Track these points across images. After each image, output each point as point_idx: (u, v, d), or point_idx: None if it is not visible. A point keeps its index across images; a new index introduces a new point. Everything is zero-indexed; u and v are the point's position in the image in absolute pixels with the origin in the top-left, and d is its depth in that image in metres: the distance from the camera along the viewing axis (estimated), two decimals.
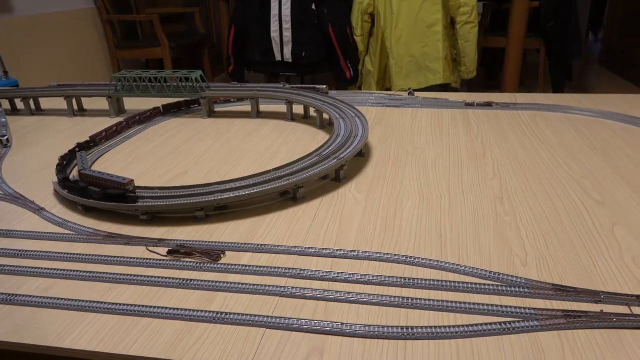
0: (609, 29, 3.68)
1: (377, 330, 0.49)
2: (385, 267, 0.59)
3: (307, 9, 2.17)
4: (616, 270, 0.57)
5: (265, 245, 0.65)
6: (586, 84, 3.17)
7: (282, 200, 0.78)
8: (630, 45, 3.20)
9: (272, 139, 1.05)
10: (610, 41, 3.63)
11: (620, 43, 3.41)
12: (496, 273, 0.56)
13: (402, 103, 1.28)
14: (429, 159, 0.91)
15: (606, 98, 1.25)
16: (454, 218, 0.70)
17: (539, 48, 2.52)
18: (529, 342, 0.47)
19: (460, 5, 2.10)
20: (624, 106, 1.16)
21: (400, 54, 2.16)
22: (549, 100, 1.25)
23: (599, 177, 0.81)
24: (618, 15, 3.49)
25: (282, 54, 2.25)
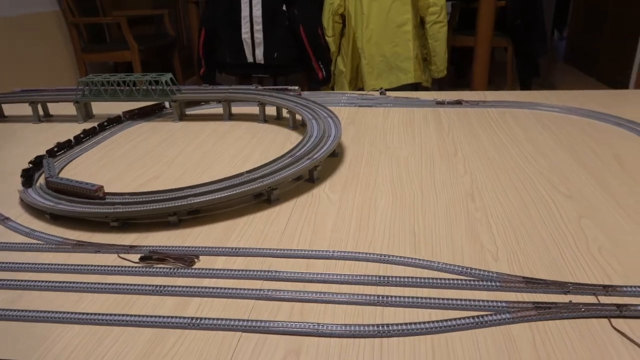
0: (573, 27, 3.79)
1: (353, 330, 0.49)
2: (360, 266, 0.60)
3: (277, 10, 2.17)
4: (583, 261, 0.59)
5: (239, 248, 0.64)
6: (552, 80, 3.25)
7: (256, 203, 0.77)
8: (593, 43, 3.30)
9: (245, 141, 1.05)
10: (574, 39, 3.74)
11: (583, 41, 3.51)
12: (468, 268, 0.57)
13: (374, 103, 1.29)
14: (402, 158, 0.92)
15: (571, 94, 1.29)
16: (426, 215, 0.71)
17: (507, 46, 2.57)
18: (501, 335, 0.48)
19: (429, 5, 2.13)
20: (588, 102, 1.20)
21: (371, 54, 2.18)
22: (517, 97, 1.28)
23: (566, 171, 0.84)
24: (581, 14, 3.60)
25: (254, 55, 2.24)
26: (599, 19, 3.22)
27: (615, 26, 3.00)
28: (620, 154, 0.89)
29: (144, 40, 2.85)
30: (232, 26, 2.20)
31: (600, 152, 0.91)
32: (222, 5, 2.20)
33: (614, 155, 0.89)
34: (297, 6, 2.18)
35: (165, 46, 3.06)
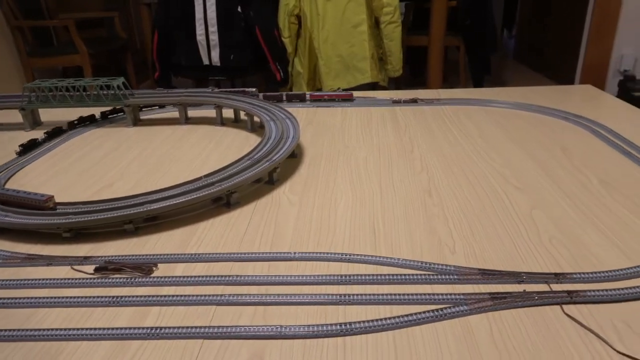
0: (521, 26, 3.93)
1: (316, 330, 0.49)
2: (321, 266, 0.60)
3: (232, 11, 2.14)
4: (535, 251, 0.61)
5: (199, 254, 0.63)
6: (503, 78, 3.37)
7: (215, 207, 0.76)
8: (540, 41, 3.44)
9: (203, 145, 1.03)
10: (522, 37, 3.89)
11: (531, 39, 3.65)
12: (427, 263, 0.59)
13: (332, 103, 1.30)
14: (360, 157, 0.93)
15: (521, 90, 1.34)
16: (386, 213, 0.72)
17: (459, 45, 2.65)
18: (460, 326, 0.49)
19: (383, 6, 2.16)
20: (536, 97, 1.25)
21: (328, 55, 2.19)
22: (470, 94, 1.31)
23: (517, 164, 0.87)
24: (528, 13, 3.74)
25: (210, 57, 2.21)
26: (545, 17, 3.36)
27: (560, 25, 3.13)
28: (567, 147, 0.94)
29: (94, 43, 2.76)
30: (186, 28, 2.17)
31: (548, 146, 0.95)
32: (175, 6, 2.16)
33: (562, 148, 0.93)
34: (253, 7, 2.16)
35: (117, 50, 2.97)
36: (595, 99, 1.26)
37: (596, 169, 0.84)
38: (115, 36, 3.13)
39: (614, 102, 1.22)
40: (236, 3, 2.13)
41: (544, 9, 3.37)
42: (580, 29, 2.77)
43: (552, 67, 3.24)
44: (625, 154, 0.89)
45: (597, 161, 0.87)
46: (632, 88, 2.43)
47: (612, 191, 0.76)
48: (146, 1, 2.53)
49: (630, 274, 0.56)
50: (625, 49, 2.69)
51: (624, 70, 2.66)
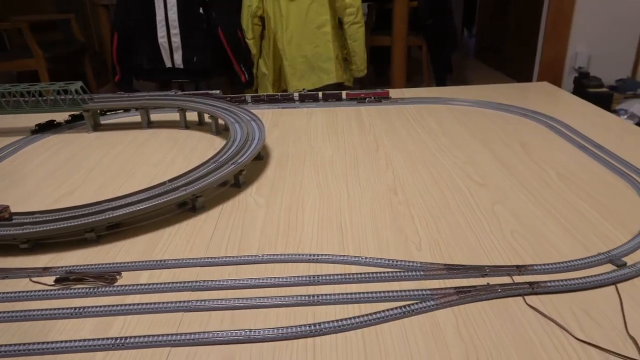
0: (480, 26, 4.03)
1: (286, 332, 0.49)
2: (290, 268, 0.60)
3: (194, 13, 2.11)
4: (498, 245, 0.63)
5: (165, 260, 0.62)
6: (465, 76, 3.44)
7: (180, 212, 0.75)
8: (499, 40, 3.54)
9: (166, 149, 1.01)
10: (482, 36, 3.99)
11: (490, 38, 3.75)
12: (394, 260, 0.59)
13: (297, 104, 1.30)
14: (326, 157, 0.94)
15: (481, 88, 1.37)
16: (353, 212, 0.72)
17: (421, 45, 2.69)
18: (427, 321, 0.50)
19: (346, 6, 2.18)
20: (496, 95, 1.28)
21: (293, 56, 2.19)
22: (433, 93, 1.34)
23: (479, 161, 0.89)
24: (487, 13, 3.84)
25: (172, 60, 2.17)
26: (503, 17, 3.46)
27: (518, 24, 3.23)
28: (526, 142, 0.97)
29: (49, 47, 2.67)
30: (147, 30, 2.12)
31: (508, 142, 0.97)
32: (135, 8, 2.11)
33: (521, 143, 0.96)
34: (215, 9, 2.14)
35: (74, 53, 2.88)
36: (552, 95, 1.30)
37: (554, 163, 0.87)
38: (72, 39, 3.04)
39: (569, 98, 1.27)
40: (198, 4, 2.10)
41: (502, 9, 3.46)
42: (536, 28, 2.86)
43: (511, 66, 3.33)
44: (580, 148, 0.93)
45: (555, 156, 0.90)
46: (587, 84, 2.53)
47: (569, 184, 0.79)
48: (104, 2, 2.46)
49: (588, 264, 0.58)
50: (579, 47, 2.79)
51: (578, 67, 2.77)
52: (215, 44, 2.17)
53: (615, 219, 0.68)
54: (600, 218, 0.68)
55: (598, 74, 2.67)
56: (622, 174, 0.81)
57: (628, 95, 2.72)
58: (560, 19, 2.72)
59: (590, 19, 2.73)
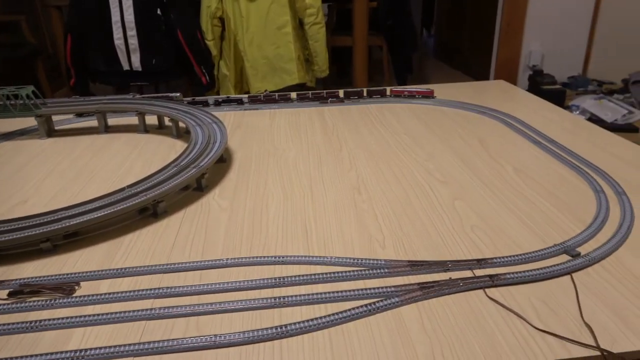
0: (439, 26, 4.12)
1: (252, 335, 0.48)
2: (255, 271, 0.59)
3: (152, 14, 2.07)
4: (459, 240, 0.64)
5: (125, 268, 0.60)
6: (425, 75, 3.51)
7: (141, 218, 0.73)
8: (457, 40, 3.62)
9: (125, 154, 0.99)
10: (440, 36, 4.07)
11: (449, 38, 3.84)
12: (359, 259, 0.60)
13: (259, 105, 1.29)
14: (290, 158, 0.93)
15: (441, 87, 1.40)
16: (317, 212, 0.72)
17: (382, 45, 2.72)
18: (392, 318, 0.50)
19: (307, 7, 2.18)
20: (455, 93, 1.31)
21: (254, 57, 2.18)
22: None
23: (439, 158, 0.91)
24: (445, 13, 3.92)
25: (130, 62, 2.12)
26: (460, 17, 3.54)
27: (474, 24, 3.32)
28: (484, 139, 0.99)
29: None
30: (103, 32, 2.06)
31: (467, 139, 1.00)
32: (89, 9, 2.05)
33: (479, 140, 0.99)
34: (173, 10, 2.10)
35: (25, 56, 2.77)
36: (508, 93, 1.34)
37: (510, 158, 0.89)
38: (22, 42, 2.91)
39: (524, 95, 1.31)
40: (155, 5, 2.06)
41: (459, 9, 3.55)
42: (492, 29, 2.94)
43: (469, 65, 3.42)
44: (535, 143, 0.96)
45: (511, 151, 0.93)
46: (541, 82, 2.62)
47: (525, 178, 0.81)
48: (56, 3, 2.37)
49: (544, 255, 0.60)
50: (533, 46, 2.89)
51: (532, 65, 2.87)
52: (174, 45, 2.13)
53: (569, 211, 0.70)
54: (555, 210, 0.71)
55: (551, 71, 2.78)
56: (575, 168, 0.84)
57: (579, 91, 2.83)
58: (514, 19, 2.81)
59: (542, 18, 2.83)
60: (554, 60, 2.93)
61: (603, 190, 0.76)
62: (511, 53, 2.89)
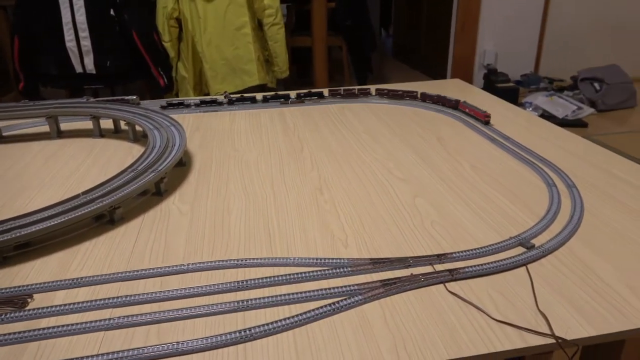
0: (397, 26, 4.18)
1: (215, 341, 0.48)
2: (217, 275, 0.59)
3: (105, 15, 2.01)
4: (420, 236, 0.65)
5: (82, 278, 0.58)
6: (384, 75, 3.56)
7: (97, 226, 0.71)
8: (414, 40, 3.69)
9: (80, 160, 0.95)
10: (398, 36, 4.14)
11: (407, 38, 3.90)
12: (322, 258, 0.60)
13: (219, 107, 1.27)
14: (251, 160, 0.93)
15: (400, 86, 1.42)
16: (279, 214, 0.72)
17: (341, 45, 2.74)
18: (355, 316, 0.51)
19: (265, 8, 2.17)
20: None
21: (213, 58, 2.15)
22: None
23: (399, 156, 0.92)
24: (403, 14, 3.99)
25: (83, 65, 2.05)
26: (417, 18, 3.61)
27: (431, 24, 3.39)
28: (442, 137, 1.01)
29: None
30: (53, 33, 1.99)
31: (426, 137, 1.02)
32: (38, 10, 1.97)
33: (437, 138, 1.01)
34: (127, 11, 2.04)
35: None
36: (464, 91, 1.38)
37: (467, 154, 0.92)
38: None
39: (479, 94, 1.35)
40: (108, 6, 2.00)
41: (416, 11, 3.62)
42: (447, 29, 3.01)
43: (427, 64, 3.49)
44: (491, 140, 0.99)
45: (468, 148, 0.95)
46: (495, 80, 2.71)
47: (481, 174, 0.84)
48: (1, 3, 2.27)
49: (500, 248, 0.62)
50: (487, 45, 2.98)
51: (487, 64, 2.96)
52: (129, 47, 2.07)
53: (524, 205, 0.73)
54: (510, 204, 0.73)
55: (505, 69, 2.87)
56: (529, 163, 0.87)
57: (532, 89, 2.94)
58: (468, 20, 2.88)
59: (495, 19, 2.92)
60: (507, 59, 3.03)
61: (555, 183, 0.79)
62: (466, 52, 2.96)
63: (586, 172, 0.83)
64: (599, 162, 0.87)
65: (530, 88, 2.94)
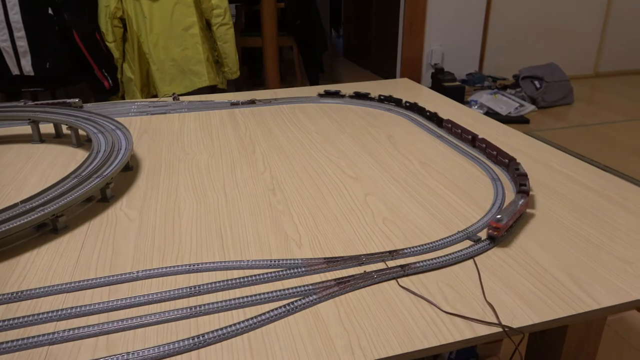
0: (347, 27, 4.23)
1: (167, 349, 0.46)
2: (168, 281, 0.57)
3: (42, 14, 1.91)
4: (372, 234, 0.66)
5: (22, 291, 0.55)
6: (336, 75, 3.58)
7: (39, 235, 0.67)
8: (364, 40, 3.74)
9: (18, 167, 0.90)
10: (349, 37, 4.18)
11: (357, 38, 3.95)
12: (276, 260, 0.60)
13: (167, 109, 1.24)
14: (202, 162, 0.91)
15: (351, 86, 1.44)
16: (232, 216, 0.71)
17: (292, 45, 2.74)
18: (311, 316, 0.51)
19: (213, 8, 2.13)
20: (364, 91, 1.35)
21: (160, 59, 2.09)
22: (304, 92, 1.37)
23: (351, 155, 0.93)
24: (352, 15, 4.03)
25: (20, 66, 1.94)
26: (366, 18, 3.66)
27: (380, 24, 3.44)
28: (392, 135, 1.03)
29: None
30: None
31: (376, 135, 1.03)
32: None
33: (388, 136, 1.03)
34: (67, 10, 1.95)
35: None
36: (412, 90, 1.41)
37: (417, 152, 0.94)
38: None
39: (427, 93, 1.39)
40: (46, 4, 1.91)
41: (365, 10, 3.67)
42: (395, 29, 3.07)
43: (376, 64, 3.55)
44: (438, 137, 1.02)
45: (417, 146, 0.98)
46: (442, 79, 2.79)
47: (430, 171, 0.86)
48: None
49: (449, 242, 0.64)
50: (434, 45, 3.06)
51: (434, 63, 3.04)
52: (70, 48, 1.98)
53: (470, 200, 0.76)
54: (457, 200, 0.76)
55: (451, 69, 2.96)
56: (474, 159, 0.90)
57: (477, 87, 3.05)
58: (415, 20, 2.95)
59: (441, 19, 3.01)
60: (453, 59, 3.13)
61: (499, 178, 0.82)
62: (414, 52, 3.03)
63: (529, 166, 0.87)
64: (541, 157, 0.91)
65: (475, 86, 3.05)
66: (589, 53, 3.44)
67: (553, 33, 3.29)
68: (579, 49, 3.39)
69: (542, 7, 3.19)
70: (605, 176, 0.83)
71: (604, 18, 3.35)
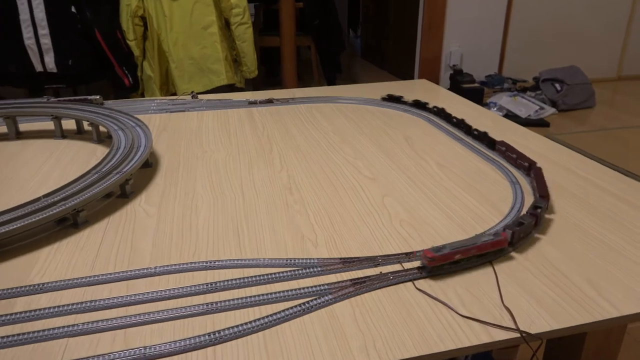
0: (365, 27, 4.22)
1: (184, 344, 0.47)
2: (186, 278, 0.58)
3: (66, 12, 1.95)
4: (388, 235, 0.66)
5: (44, 284, 0.56)
6: (353, 75, 3.58)
7: (60, 229, 0.69)
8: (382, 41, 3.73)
9: (40, 162, 0.92)
10: (366, 37, 4.17)
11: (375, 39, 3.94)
12: (292, 259, 0.60)
13: (186, 107, 1.25)
14: (220, 160, 0.92)
15: (368, 86, 1.43)
16: (249, 214, 0.72)
17: (310, 45, 2.75)
18: (326, 315, 0.51)
19: (232, 7, 2.15)
20: (382, 92, 1.35)
21: (179, 57, 2.12)
22: (322, 92, 1.37)
23: (368, 156, 0.93)
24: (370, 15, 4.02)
25: (44, 63, 1.98)
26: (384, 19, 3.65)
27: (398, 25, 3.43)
28: (409, 136, 1.03)
29: None
30: (10, 31, 1.91)
31: (393, 136, 1.03)
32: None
33: (405, 137, 1.02)
34: (90, 8, 1.99)
35: None
36: (430, 91, 1.40)
37: (434, 154, 0.93)
38: None
39: (445, 93, 1.38)
40: (69, 3, 1.94)
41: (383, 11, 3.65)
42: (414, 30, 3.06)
43: (394, 64, 3.53)
44: (456, 139, 1.01)
45: (435, 147, 0.97)
46: (461, 80, 2.76)
47: (447, 172, 0.85)
48: None
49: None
50: (452, 46, 3.04)
51: (453, 65, 3.01)
52: (92, 45, 2.02)
53: (488, 202, 0.75)
54: (475, 202, 0.75)
55: (470, 70, 2.94)
56: (493, 161, 0.89)
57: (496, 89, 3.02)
58: (434, 21, 2.93)
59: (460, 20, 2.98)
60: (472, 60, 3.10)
61: (518, 181, 0.81)
62: (433, 53, 3.01)
63: (548, 170, 0.85)
64: (561, 161, 0.90)
65: (494, 88, 3.02)
66: (611, 56, 3.38)
67: (574, 35, 3.23)
68: (601, 52, 3.33)
69: (564, 9, 3.14)
70: (625, 180, 0.81)
71: (627, 20, 3.28)
